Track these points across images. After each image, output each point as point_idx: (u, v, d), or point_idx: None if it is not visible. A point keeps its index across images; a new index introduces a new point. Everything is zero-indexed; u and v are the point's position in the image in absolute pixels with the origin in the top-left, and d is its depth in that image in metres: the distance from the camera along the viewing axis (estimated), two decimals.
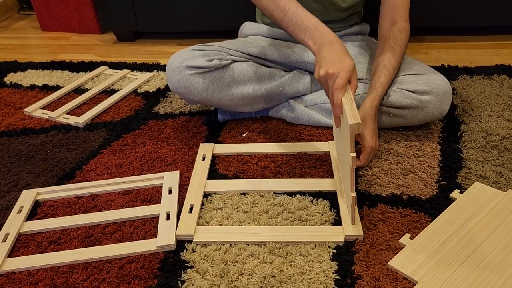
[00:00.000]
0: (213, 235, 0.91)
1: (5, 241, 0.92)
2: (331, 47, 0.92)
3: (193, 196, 1.01)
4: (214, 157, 1.16)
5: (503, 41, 1.74)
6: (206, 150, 1.16)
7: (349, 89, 0.89)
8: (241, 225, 0.93)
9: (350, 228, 0.89)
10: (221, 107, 1.23)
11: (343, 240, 0.88)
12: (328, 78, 0.89)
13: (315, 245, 0.87)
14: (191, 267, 0.85)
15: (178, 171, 1.09)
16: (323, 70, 0.89)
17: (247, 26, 1.37)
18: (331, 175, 1.06)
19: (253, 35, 1.34)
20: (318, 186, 1.02)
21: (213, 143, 1.19)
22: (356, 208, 0.90)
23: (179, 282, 0.82)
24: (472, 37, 1.79)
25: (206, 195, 1.03)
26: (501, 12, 1.67)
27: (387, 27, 1.15)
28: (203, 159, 1.13)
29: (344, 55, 0.90)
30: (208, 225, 0.94)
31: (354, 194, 0.85)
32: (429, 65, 1.22)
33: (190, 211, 0.96)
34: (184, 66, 1.14)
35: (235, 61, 1.20)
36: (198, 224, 0.94)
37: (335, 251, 0.86)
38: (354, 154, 0.82)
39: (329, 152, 1.13)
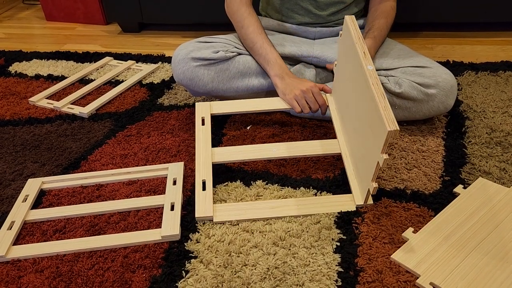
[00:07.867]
0: (232, 213, 0.93)
1: (10, 229, 0.93)
2: (289, 77, 1.15)
3: (203, 169, 1.02)
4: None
5: (509, 38, 1.73)
6: (203, 111, 1.15)
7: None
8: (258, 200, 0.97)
9: (360, 196, 0.94)
10: (226, 99, 1.23)
11: (354, 208, 0.94)
12: (304, 94, 1.11)
13: (319, 237, 0.88)
14: (195, 257, 0.85)
15: (182, 162, 1.09)
16: (298, 90, 1.11)
17: None
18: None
19: None
20: (322, 149, 1.07)
21: (209, 102, 1.18)
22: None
23: (183, 271, 0.82)
24: (477, 33, 1.79)
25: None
26: (507, 8, 1.66)
27: (377, 2, 1.26)
28: (203, 123, 1.12)
29: (301, 80, 1.15)
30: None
31: (376, 185, 0.86)
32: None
33: (204, 189, 0.98)
34: (189, 57, 1.14)
35: (240, 54, 1.20)
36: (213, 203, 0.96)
37: (338, 243, 0.86)
38: (387, 156, 0.82)
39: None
